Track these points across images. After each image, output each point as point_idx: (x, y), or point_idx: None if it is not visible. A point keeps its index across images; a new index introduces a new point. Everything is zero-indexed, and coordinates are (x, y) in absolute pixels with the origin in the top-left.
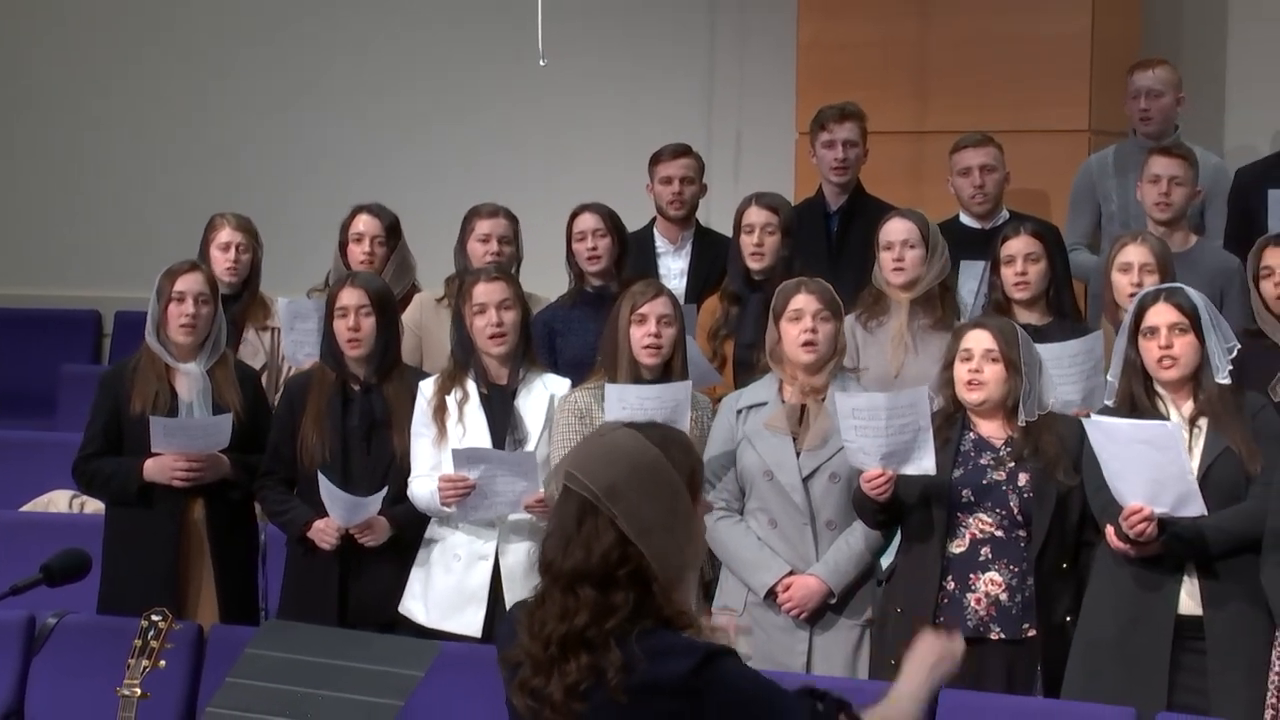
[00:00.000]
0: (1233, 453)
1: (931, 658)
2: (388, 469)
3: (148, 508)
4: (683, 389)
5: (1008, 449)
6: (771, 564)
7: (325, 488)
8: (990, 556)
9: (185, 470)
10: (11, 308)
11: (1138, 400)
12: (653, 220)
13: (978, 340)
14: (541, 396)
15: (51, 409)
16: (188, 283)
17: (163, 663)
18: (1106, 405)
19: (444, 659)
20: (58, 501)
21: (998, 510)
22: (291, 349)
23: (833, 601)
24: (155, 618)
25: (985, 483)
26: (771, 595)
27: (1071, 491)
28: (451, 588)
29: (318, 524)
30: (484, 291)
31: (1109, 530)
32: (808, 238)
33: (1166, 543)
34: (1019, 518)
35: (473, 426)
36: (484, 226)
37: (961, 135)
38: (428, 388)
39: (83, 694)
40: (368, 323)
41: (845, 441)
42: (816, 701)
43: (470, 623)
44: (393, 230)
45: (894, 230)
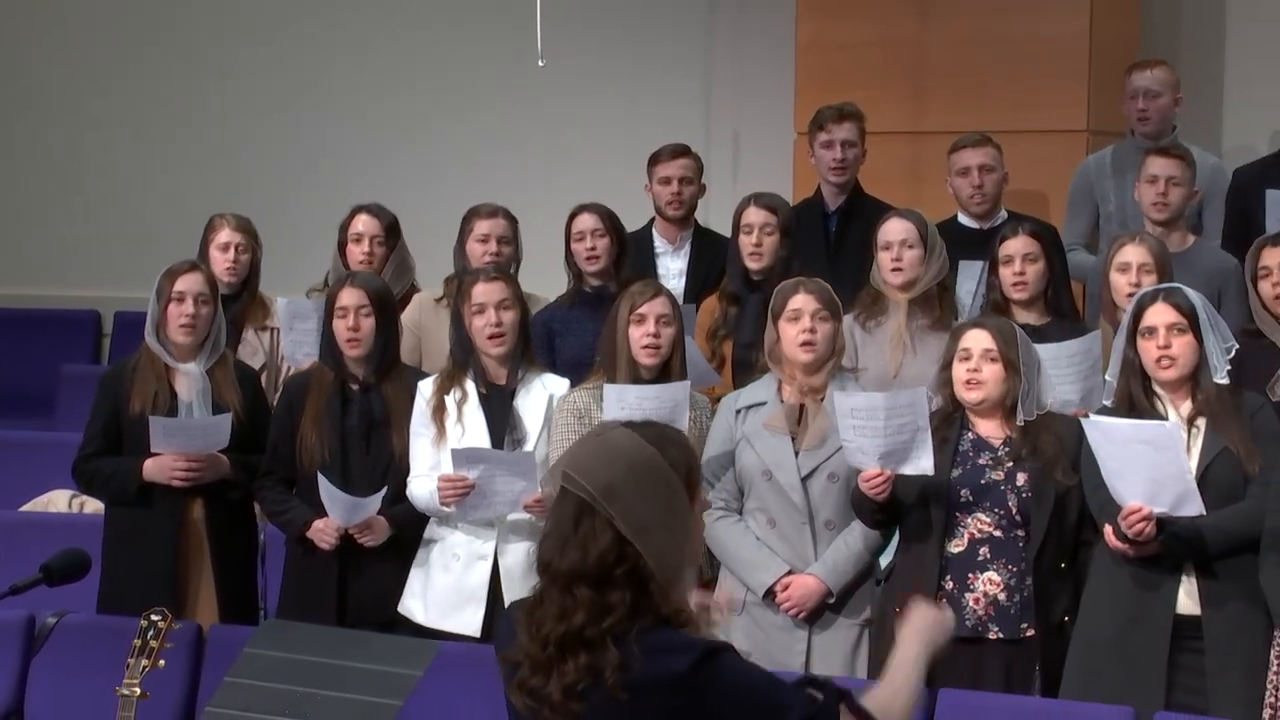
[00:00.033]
0: (1231, 452)
1: (925, 624)
2: (387, 469)
3: (147, 507)
4: (681, 389)
5: (1006, 449)
6: (770, 563)
7: (324, 488)
8: (989, 556)
9: (185, 470)
10: (11, 308)
11: (1136, 400)
12: (651, 220)
13: (976, 340)
14: (540, 396)
15: (51, 409)
16: (187, 283)
17: (162, 662)
18: (1105, 405)
19: (443, 658)
20: (57, 501)
21: (996, 510)
22: (290, 349)
23: (831, 601)
24: (155, 617)
25: (984, 482)
26: (770, 595)
27: (1070, 491)
28: (450, 587)
29: (317, 524)
30: (483, 291)
31: (1107, 530)
32: (806, 238)
33: (1165, 542)
34: (1017, 517)
35: (472, 426)
36: (483, 227)
37: (960, 135)
38: (427, 387)
39: (82, 693)
40: (367, 323)
41: (843, 441)
42: (816, 693)
43: (469, 622)
44: (392, 230)
45: (892, 230)
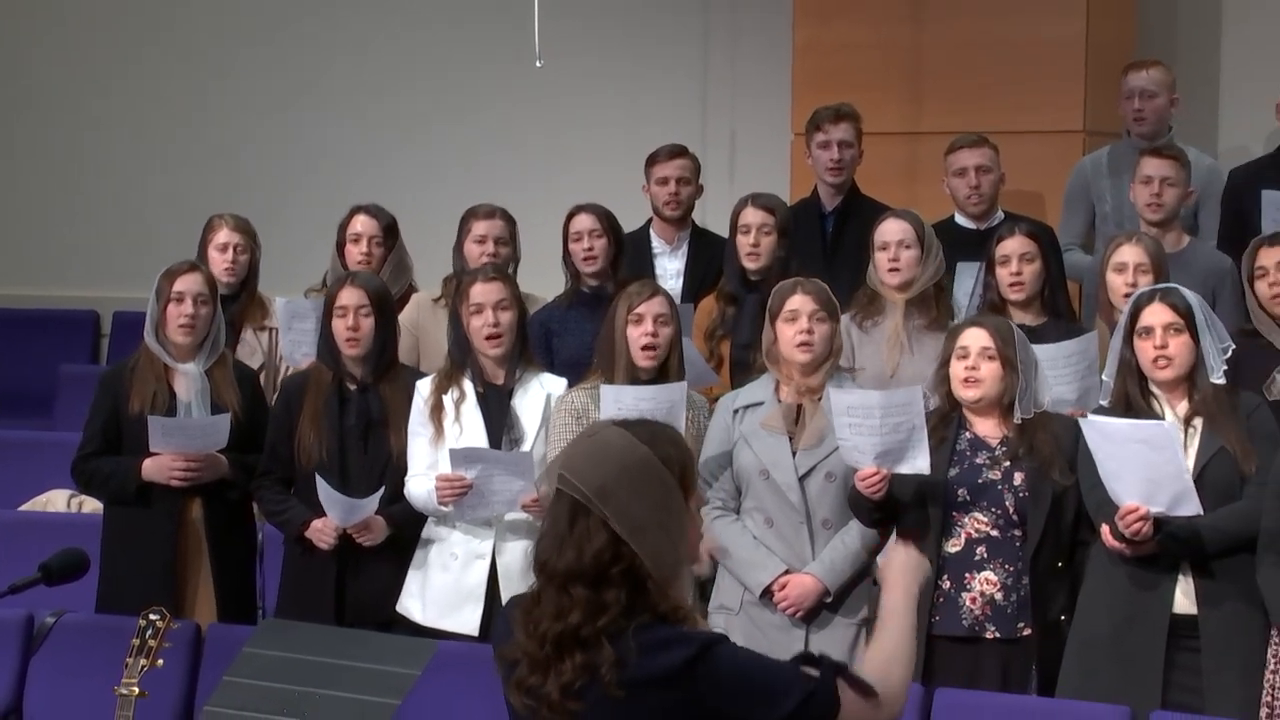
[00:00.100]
0: (1228, 452)
1: (905, 567)
2: (385, 468)
3: (146, 507)
4: (679, 389)
5: (1003, 448)
6: (768, 563)
7: (323, 490)
8: (985, 555)
9: (183, 470)
10: (11, 308)
11: (1133, 400)
12: (649, 221)
13: (974, 338)
14: (538, 396)
15: (50, 409)
16: (187, 283)
17: (161, 662)
18: (1102, 405)
19: (441, 658)
20: (56, 501)
21: (993, 509)
22: (289, 349)
23: (829, 600)
24: (153, 617)
25: (981, 482)
26: (768, 594)
27: (1067, 491)
28: (449, 587)
29: (315, 524)
30: (481, 292)
31: (1104, 529)
32: (803, 238)
33: (1162, 542)
34: (1014, 517)
35: (469, 426)
36: (480, 227)
37: (956, 136)
38: (425, 387)
39: (81, 693)
40: (367, 323)
41: (840, 440)
42: (812, 670)
43: (467, 621)
44: (390, 231)
45: (889, 231)
